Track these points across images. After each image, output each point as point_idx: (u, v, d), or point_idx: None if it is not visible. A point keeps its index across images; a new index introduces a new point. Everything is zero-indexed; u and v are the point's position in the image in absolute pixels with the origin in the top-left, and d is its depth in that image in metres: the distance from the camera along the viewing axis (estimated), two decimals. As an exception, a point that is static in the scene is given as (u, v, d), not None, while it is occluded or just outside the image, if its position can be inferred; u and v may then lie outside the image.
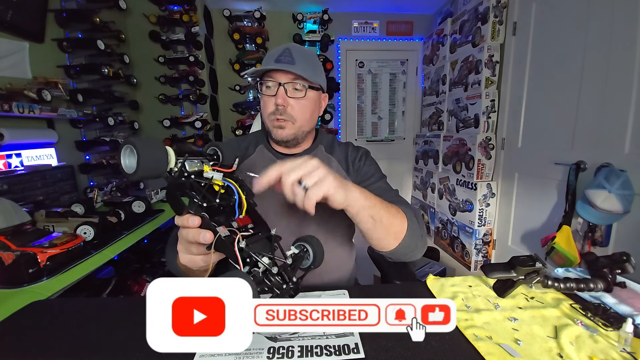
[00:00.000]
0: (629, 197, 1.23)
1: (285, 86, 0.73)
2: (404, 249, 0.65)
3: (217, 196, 0.49)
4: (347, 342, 0.50)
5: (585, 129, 1.50)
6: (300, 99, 0.75)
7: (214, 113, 2.86)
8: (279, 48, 0.75)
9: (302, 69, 0.72)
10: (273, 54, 0.74)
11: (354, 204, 0.55)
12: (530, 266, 0.60)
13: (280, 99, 0.73)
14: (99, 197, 1.74)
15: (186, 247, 0.52)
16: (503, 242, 2.15)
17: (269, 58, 0.74)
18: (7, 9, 1.48)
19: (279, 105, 0.73)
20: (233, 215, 0.51)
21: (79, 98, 1.80)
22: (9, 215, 1.03)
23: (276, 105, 0.73)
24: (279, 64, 0.71)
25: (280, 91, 0.73)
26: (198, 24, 2.46)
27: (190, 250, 0.51)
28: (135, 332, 0.54)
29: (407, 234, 0.64)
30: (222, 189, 0.50)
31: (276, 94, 0.73)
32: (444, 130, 2.71)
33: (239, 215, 0.51)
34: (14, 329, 0.57)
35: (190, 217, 0.47)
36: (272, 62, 0.72)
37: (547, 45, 1.74)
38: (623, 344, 0.48)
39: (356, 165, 0.85)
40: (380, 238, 0.62)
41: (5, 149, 1.48)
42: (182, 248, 0.53)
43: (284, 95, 0.73)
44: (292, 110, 0.75)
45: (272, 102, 0.74)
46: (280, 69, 0.71)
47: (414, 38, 3.21)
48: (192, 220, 0.47)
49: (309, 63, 0.75)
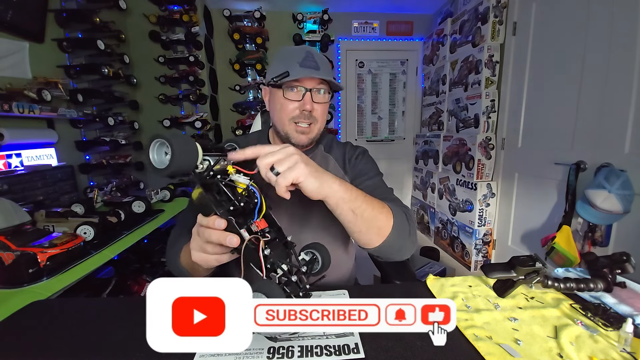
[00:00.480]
0: (629, 197, 1.23)
1: (311, 91, 0.73)
2: (389, 247, 0.64)
3: (240, 198, 0.49)
4: (347, 342, 0.50)
5: (585, 129, 1.50)
6: (324, 104, 0.76)
7: (214, 113, 2.86)
8: (298, 51, 0.74)
9: (327, 74, 0.73)
10: (294, 57, 0.73)
11: (333, 195, 0.55)
12: (530, 266, 0.60)
13: (308, 104, 0.73)
14: (99, 197, 1.74)
15: (201, 246, 0.51)
16: (503, 242, 2.15)
17: (290, 61, 0.73)
18: (7, 9, 1.48)
19: (307, 110, 0.73)
20: (252, 218, 0.51)
21: (79, 98, 1.80)
22: (9, 215, 1.03)
23: (302, 110, 0.74)
24: (308, 70, 0.72)
25: (307, 97, 0.73)
26: (198, 24, 2.46)
27: (205, 249, 0.51)
28: (135, 332, 0.54)
29: (393, 231, 0.63)
30: (245, 192, 0.50)
31: (303, 99, 0.73)
32: (444, 130, 2.71)
33: (257, 219, 0.51)
34: (14, 329, 0.57)
35: (217, 220, 0.47)
36: (296, 66, 0.72)
37: (547, 45, 1.74)
38: (623, 344, 0.48)
39: (352, 163, 0.86)
40: (362, 232, 0.61)
41: (5, 149, 1.48)
42: (195, 246, 0.52)
43: (311, 100, 0.73)
44: (316, 114, 0.76)
45: (295, 107, 0.74)
46: (311, 76, 0.72)
47: (414, 38, 3.21)
48: (219, 223, 0.47)
49: (327, 67, 0.76)
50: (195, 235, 0.52)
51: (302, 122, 0.75)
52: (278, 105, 0.75)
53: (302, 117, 0.74)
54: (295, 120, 0.75)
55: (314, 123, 0.76)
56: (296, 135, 0.76)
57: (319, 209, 0.68)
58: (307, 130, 0.76)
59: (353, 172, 0.85)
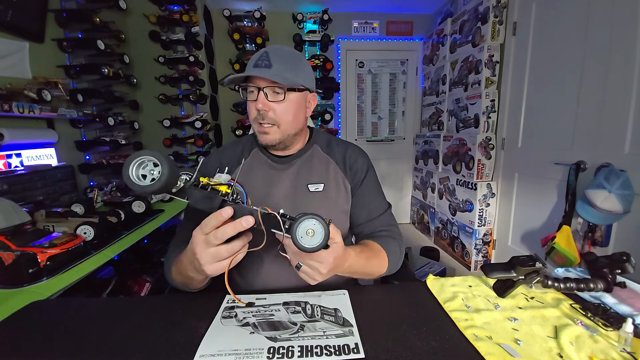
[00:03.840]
0: (629, 197, 1.23)
1: (264, 90, 0.72)
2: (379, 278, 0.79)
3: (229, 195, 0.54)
4: (347, 342, 0.50)
5: (585, 129, 1.50)
6: (281, 102, 0.73)
7: (214, 113, 2.86)
8: (259, 52, 0.74)
9: (278, 72, 0.71)
10: (253, 58, 0.74)
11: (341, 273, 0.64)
12: (530, 266, 0.60)
13: (260, 103, 0.72)
14: (99, 197, 1.74)
15: (214, 255, 0.53)
16: (503, 242, 2.15)
17: (249, 63, 0.74)
18: (7, 9, 1.48)
19: (260, 110, 0.73)
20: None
21: (79, 98, 1.80)
22: (9, 215, 1.03)
23: (257, 110, 0.73)
24: (256, 69, 0.71)
25: (260, 96, 0.72)
26: (198, 24, 2.46)
27: (220, 254, 0.53)
28: (135, 332, 0.54)
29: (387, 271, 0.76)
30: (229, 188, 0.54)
31: (257, 99, 0.72)
32: (444, 130, 2.71)
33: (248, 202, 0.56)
34: (14, 329, 0.57)
35: (223, 210, 0.51)
36: (251, 67, 0.72)
37: (547, 45, 1.74)
38: (623, 344, 0.48)
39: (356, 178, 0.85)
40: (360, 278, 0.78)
41: (5, 149, 1.48)
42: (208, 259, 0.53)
43: (264, 99, 0.72)
44: (274, 115, 0.74)
45: (252, 107, 0.74)
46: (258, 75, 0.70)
47: (414, 38, 3.21)
48: (226, 211, 0.51)
49: (289, 64, 0.73)
50: (203, 249, 0.53)
51: (262, 122, 0.74)
52: (247, 108, 0.78)
53: (260, 117, 0.74)
54: (258, 121, 0.74)
55: (275, 124, 0.74)
56: (260, 135, 0.77)
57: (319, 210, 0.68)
58: (268, 130, 0.75)
59: (352, 181, 0.84)
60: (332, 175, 0.83)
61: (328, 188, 0.81)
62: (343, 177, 0.84)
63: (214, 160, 0.86)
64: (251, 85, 0.73)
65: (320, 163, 0.84)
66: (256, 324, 0.56)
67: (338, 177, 0.83)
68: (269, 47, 0.74)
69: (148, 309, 0.64)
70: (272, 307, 0.61)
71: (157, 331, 0.54)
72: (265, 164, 0.83)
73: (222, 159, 0.85)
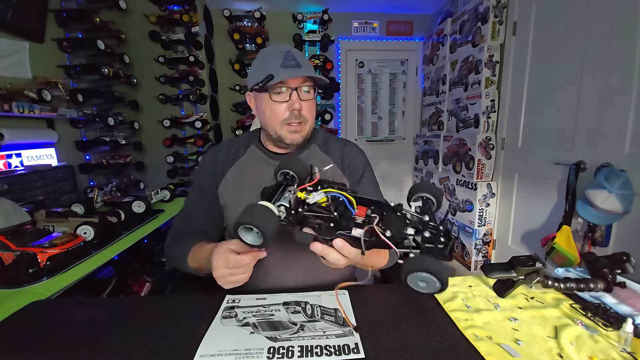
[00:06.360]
0: (629, 197, 1.23)
1: (297, 90, 0.73)
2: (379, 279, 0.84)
3: (331, 209, 0.50)
4: (347, 342, 0.50)
5: (585, 129, 1.50)
6: (310, 100, 0.76)
7: (214, 113, 2.86)
8: (277, 52, 0.73)
9: (309, 71, 0.73)
10: (274, 58, 0.72)
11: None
12: (530, 266, 0.60)
13: (297, 103, 0.72)
14: (99, 197, 1.74)
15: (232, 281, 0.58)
16: (503, 242, 2.15)
17: (270, 63, 0.72)
18: (7, 8, 1.48)
19: (296, 109, 0.73)
20: (351, 214, 0.51)
21: (79, 98, 1.80)
22: (9, 215, 1.03)
23: (292, 110, 0.73)
24: (292, 70, 0.71)
25: (294, 96, 0.72)
26: (198, 24, 2.45)
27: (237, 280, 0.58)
28: (135, 332, 0.54)
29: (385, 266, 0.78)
30: (328, 201, 0.51)
31: (290, 99, 0.72)
32: (444, 130, 2.71)
33: (356, 211, 0.52)
34: (14, 329, 0.57)
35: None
36: (278, 67, 0.71)
37: (547, 45, 1.74)
38: (623, 344, 0.48)
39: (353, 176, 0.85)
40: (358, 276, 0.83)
41: (5, 149, 1.48)
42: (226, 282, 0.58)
43: (299, 99, 0.73)
44: (305, 112, 0.75)
45: (284, 108, 0.73)
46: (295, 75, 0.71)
47: (414, 38, 3.21)
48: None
49: (308, 63, 0.76)
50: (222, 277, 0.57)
51: (294, 121, 0.74)
52: (267, 110, 0.75)
53: (293, 117, 0.74)
54: (287, 122, 0.74)
55: (304, 122, 0.76)
56: (290, 135, 0.76)
57: None
58: (299, 128, 0.76)
59: (352, 178, 0.85)
60: (330, 174, 0.83)
61: None
62: (341, 175, 0.84)
63: (210, 157, 0.86)
64: (283, 86, 0.72)
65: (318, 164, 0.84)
66: (256, 324, 0.56)
67: (336, 176, 0.83)
68: (287, 47, 0.74)
69: (148, 309, 0.64)
70: (272, 307, 0.61)
71: (157, 331, 0.54)
72: (262, 161, 0.83)
73: (217, 156, 0.85)
